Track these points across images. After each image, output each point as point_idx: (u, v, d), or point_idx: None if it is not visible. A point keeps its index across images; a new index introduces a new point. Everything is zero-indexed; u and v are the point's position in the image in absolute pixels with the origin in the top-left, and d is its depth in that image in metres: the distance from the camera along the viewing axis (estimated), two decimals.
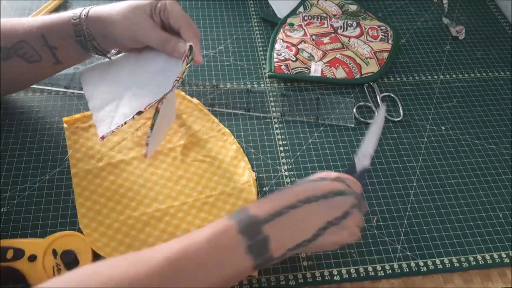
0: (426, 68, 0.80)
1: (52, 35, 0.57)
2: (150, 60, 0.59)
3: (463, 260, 0.57)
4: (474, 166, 0.66)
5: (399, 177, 0.64)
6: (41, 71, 0.61)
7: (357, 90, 0.75)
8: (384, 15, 0.89)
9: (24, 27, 0.57)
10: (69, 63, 0.61)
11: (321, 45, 0.79)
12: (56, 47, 0.57)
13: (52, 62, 0.59)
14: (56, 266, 0.51)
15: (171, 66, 0.57)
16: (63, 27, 0.57)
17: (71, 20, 0.56)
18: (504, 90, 0.77)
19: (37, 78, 0.64)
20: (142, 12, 0.55)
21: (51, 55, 0.58)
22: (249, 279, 0.53)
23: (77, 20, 0.56)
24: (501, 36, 0.87)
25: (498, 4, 0.93)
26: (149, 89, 0.56)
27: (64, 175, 0.60)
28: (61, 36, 0.57)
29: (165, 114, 0.58)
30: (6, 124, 0.65)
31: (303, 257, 0.56)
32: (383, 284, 0.55)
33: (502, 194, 0.63)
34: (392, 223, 0.59)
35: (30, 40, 0.57)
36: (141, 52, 0.60)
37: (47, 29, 0.57)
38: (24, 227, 0.55)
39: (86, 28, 0.56)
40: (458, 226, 0.60)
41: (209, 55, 0.78)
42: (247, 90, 0.73)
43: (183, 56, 0.55)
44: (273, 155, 0.65)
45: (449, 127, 0.71)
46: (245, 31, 0.83)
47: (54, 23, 0.57)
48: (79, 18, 0.56)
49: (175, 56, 0.56)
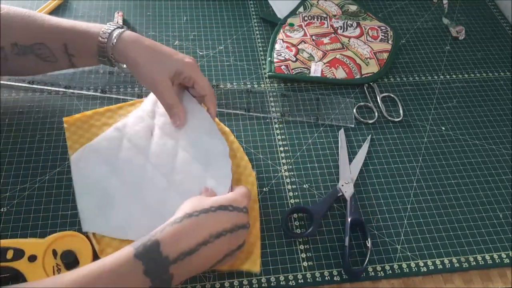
0: (426, 68, 0.80)
1: (75, 45, 0.57)
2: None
3: (463, 260, 0.57)
4: (474, 166, 0.66)
5: (399, 177, 0.64)
6: (54, 68, 0.62)
7: (357, 91, 0.75)
8: (384, 16, 0.89)
9: (47, 30, 0.57)
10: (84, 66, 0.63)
11: (321, 45, 0.79)
12: (75, 56, 0.58)
13: (67, 65, 0.60)
14: (56, 266, 0.51)
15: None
16: (88, 43, 0.57)
17: (98, 37, 0.56)
18: (504, 90, 0.77)
19: (48, 71, 0.66)
20: (166, 71, 0.56)
21: (67, 60, 0.59)
22: (250, 279, 0.53)
23: (105, 43, 0.56)
24: (501, 36, 0.87)
25: (498, 4, 0.93)
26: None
27: (64, 175, 0.60)
28: (83, 49, 0.57)
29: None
30: (6, 124, 0.65)
31: (303, 258, 0.56)
32: (383, 284, 0.55)
33: (502, 194, 0.64)
34: (392, 223, 0.59)
35: (50, 44, 0.57)
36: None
37: (71, 39, 0.57)
38: (24, 227, 0.55)
39: (112, 55, 0.56)
40: (458, 226, 0.60)
41: (209, 55, 0.78)
42: (247, 90, 0.73)
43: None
44: (273, 155, 0.65)
45: (449, 127, 0.71)
46: (245, 31, 0.83)
47: (79, 35, 0.57)
48: (106, 44, 0.56)
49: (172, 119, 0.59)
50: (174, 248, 0.43)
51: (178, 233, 0.44)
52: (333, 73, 0.75)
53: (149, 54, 0.56)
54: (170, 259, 0.43)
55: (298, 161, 0.65)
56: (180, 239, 0.44)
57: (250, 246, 0.55)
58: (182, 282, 0.46)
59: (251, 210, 0.58)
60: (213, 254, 0.46)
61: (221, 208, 0.47)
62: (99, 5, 0.84)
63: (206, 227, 0.45)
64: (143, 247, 0.42)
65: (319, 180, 0.63)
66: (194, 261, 0.44)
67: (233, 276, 0.53)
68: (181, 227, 0.45)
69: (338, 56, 0.77)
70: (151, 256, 0.42)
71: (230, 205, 0.48)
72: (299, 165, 0.64)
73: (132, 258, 0.42)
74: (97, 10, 0.83)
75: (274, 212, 0.59)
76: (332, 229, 0.58)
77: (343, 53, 0.78)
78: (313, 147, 0.67)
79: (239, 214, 0.48)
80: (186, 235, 0.44)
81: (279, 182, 0.62)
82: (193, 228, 0.45)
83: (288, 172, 0.64)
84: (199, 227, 0.45)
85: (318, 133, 0.68)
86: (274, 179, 0.63)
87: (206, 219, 0.46)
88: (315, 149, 0.66)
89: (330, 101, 0.72)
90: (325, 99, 0.73)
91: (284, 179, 0.63)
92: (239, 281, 0.53)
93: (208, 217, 0.46)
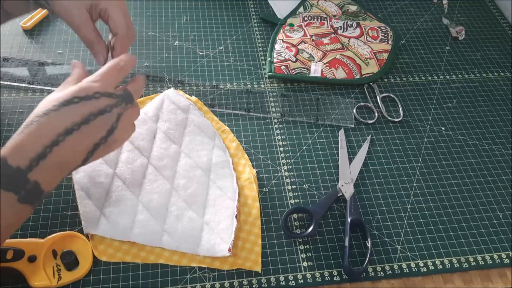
0: (426, 68, 0.80)
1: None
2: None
3: (463, 261, 0.57)
4: (474, 166, 0.66)
5: (399, 177, 0.64)
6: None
7: (357, 91, 0.75)
8: (384, 16, 0.89)
9: None
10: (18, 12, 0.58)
11: (321, 45, 0.79)
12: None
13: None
14: (56, 266, 0.51)
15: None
16: None
17: None
18: (504, 90, 0.77)
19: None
20: (81, 4, 0.52)
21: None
22: (250, 279, 0.53)
23: None
24: (501, 37, 0.87)
25: (498, 4, 0.93)
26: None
27: None
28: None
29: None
30: (6, 124, 0.65)
31: (303, 258, 0.56)
32: (383, 284, 0.55)
33: (502, 194, 0.64)
34: (392, 223, 0.59)
35: None
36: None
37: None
38: (24, 227, 0.55)
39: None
40: (458, 226, 0.60)
41: (209, 55, 0.78)
42: (247, 91, 0.73)
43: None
44: (273, 155, 0.65)
45: (449, 128, 0.71)
46: (245, 32, 0.83)
47: None
48: None
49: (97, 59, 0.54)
50: (22, 156, 0.42)
51: (20, 142, 0.43)
52: (333, 73, 0.75)
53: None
54: (23, 168, 0.42)
55: (298, 161, 0.65)
56: (24, 146, 0.43)
57: (252, 245, 0.55)
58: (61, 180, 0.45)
59: (251, 207, 0.58)
60: (74, 148, 0.45)
61: (64, 103, 0.45)
62: None
63: (50, 128, 0.44)
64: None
65: (319, 180, 0.63)
66: (54, 160, 0.43)
67: (233, 276, 0.53)
68: (22, 136, 0.43)
69: (338, 56, 0.77)
70: (3, 172, 0.41)
71: (75, 96, 0.45)
72: (299, 165, 0.64)
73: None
74: None
75: (274, 212, 0.59)
76: (332, 229, 0.58)
77: (343, 53, 0.78)
78: (313, 147, 0.67)
79: (90, 101, 0.46)
80: (30, 142, 0.43)
81: (279, 182, 0.62)
82: (35, 133, 0.43)
83: (288, 172, 0.64)
84: (42, 130, 0.43)
85: (318, 133, 0.68)
86: (274, 179, 0.63)
87: (48, 120, 0.44)
88: (315, 149, 0.66)
89: (330, 101, 0.72)
90: (325, 99, 0.73)
91: (284, 179, 0.63)
92: (239, 281, 0.53)
93: (50, 118, 0.44)
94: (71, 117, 0.44)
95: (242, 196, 0.59)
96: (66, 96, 0.45)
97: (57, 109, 0.44)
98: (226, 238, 0.55)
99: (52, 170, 0.44)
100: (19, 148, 0.43)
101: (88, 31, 0.53)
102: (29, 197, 0.43)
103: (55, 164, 0.44)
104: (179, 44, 0.79)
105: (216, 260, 0.54)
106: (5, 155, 0.42)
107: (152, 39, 0.79)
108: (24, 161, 0.42)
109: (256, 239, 0.56)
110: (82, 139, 0.45)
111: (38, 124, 0.44)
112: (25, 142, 0.43)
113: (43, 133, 0.43)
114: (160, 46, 0.78)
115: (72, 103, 0.45)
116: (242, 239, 0.56)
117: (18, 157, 0.42)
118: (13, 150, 0.42)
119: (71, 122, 0.44)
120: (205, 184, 0.59)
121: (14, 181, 0.42)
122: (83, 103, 0.45)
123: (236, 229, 0.56)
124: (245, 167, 0.62)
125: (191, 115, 0.66)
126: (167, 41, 0.79)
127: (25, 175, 0.42)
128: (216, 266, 0.54)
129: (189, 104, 0.67)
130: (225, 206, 0.57)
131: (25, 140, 0.43)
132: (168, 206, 0.56)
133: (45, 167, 0.43)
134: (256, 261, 0.54)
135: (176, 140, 0.62)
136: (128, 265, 0.53)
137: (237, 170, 0.62)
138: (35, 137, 0.43)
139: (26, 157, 0.42)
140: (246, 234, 0.56)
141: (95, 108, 0.46)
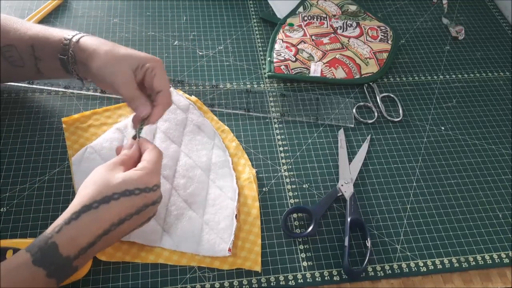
0: (426, 68, 0.80)
1: (41, 47, 0.57)
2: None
3: (463, 260, 0.57)
4: (474, 166, 0.66)
5: (399, 177, 0.64)
6: (23, 75, 0.63)
7: (356, 90, 0.75)
8: (384, 16, 0.89)
9: (17, 32, 0.57)
10: (50, 75, 0.62)
11: (320, 45, 0.79)
12: (40, 59, 0.58)
13: (34, 71, 0.60)
14: None
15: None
16: (53, 44, 0.57)
17: (62, 39, 0.56)
18: (504, 90, 0.77)
19: (19, 79, 0.67)
20: (127, 65, 0.53)
21: (33, 65, 0.58)
22: (249, 279, 0.53)
23: (67, 42, 0.56)
24: (501, 36, 0.87)
25: (498, 4, 0.93)
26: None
27: (64, 175, 0.60)
28: (47, 51, 0.57)
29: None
30: (6, 124, 0.65)
31: (303, 257, 0.56)
32: (382, 284, 0.55)
33: (502, 194, 0.64)
34: (392, 223, 0.59)
35: (19, 46, 0.57)
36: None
37: (38, 40, 0.57)
38: (24, 227, 0.55)
39: (71, 51, 0.55)
40: (458, 226, 0.60)
41: (209, 55, 0.78)
42: (247, 90, 0.73)
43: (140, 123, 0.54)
44: (272, 155, 0.65)
45: (449, 127, 0.71)
46: (245, 31, 0.83)
47: (46, 37, 0.57)
48: (70, 41, 0.56)
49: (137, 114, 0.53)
50: (73, 247, 0.42)
51: (76, 231, 0.43)
52: (332, 73, 0.75)
53: (111, 48, 0.54)
54: (71, 257, 0.42)
55: (298, 161, 0.65)
56: (78, 237, 0.43)
57: (251, 245, 0.55)
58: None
59: (251, 207, 0.58)
60: (118, 236, 0.46)
61: (126, 194, 0.44)
62: (98, 5, 0.84)
63: (107, 219, 0.44)
64: (40, 253, 0.42)
65: (318, 180, 0.63)
66: (100, 247, 0.45)
67: (232, 276, 0.53)
68: (78, 225, 0.43)
69: (337, 56, 0.77)
70: (51, 260, 0.42)
71: (137, 188, 0.45)
72: (299, 165, 0.64)
73: (31, 266, 0.41)
74: (96, 10, 0.83)
75: (274, 212, 0.59)
76: (331, 229, 0.58)
77: (343, 53, 0.78)
78: (313, 147, 0.67)
79: (148, 194, 0.46)
80: (84, 232, 0.43)
81: (279, 182, 0.62)
82: (91, 223, 0.43)
83: (288, 172, 0.64)
84: (99, 221, 0.43)
85: (318, 133, 0.68)
86: (274, 179, 0.63)
87: (107, 210, 0.44)
88: (315, 149, 0.66)
89: (329, 101, 0.72)
90: (325, 99, 0.73)
91: (284, 179, 0.63)
92: (238, 281, 0.53)
93: (110, 207, 0.44)
94: (128, 209, 0.45)
95: (242, 196, 0.59)
96: (130, 185, 0.45)
97: (118, 198, 0.44)
98: (226, 238, 0.55)
99: (93, 253, 0.45)
100: (74, 238, 0.43)
101: (132, 88, 0.53)
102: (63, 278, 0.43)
103: (97, 249, 0.45)
104: (178, 44, 0.79)
105: (215, 260, 0.54)
106: (57, 242, 0.42)
107: (152, 39, 0.79)
108: (74, 250, 0.43)
109: (256, 239, 0.56)
110: (129, 226, 0.46)
111: (96, 212, 0.43)
112: (80, 233, 0.43)
113: (99, 223, 0.43)
114: (160, 46, 0.78)
115: (133, 194, 0.45)
116: (242, 238, 0.56)
117: (70, 247, 0.42)
118: (68, 239, 0.42)
119: (126, 213, 0.45)
120: (205, 184, 0.59)
121: (60, 269, 0.42)
122: (142, 196, 0.45)
123: (236, 229, 0.56)
124: (244, 167, 0.62)
125: (191, 114, 0.66)
126: (166, 41, 0.79)
127: (71, 262, 0.43)
128: (216, 265, 0.54)
129: (189, 104, 0.67)
130: (225, 206, 0.57)
131: (80, 228, 0.43)
132: (168, 206, 0.56)
133: (90, 253, 0.44)
134: (256, 260, 0.54)
135: (175, 139, 0.62)
136: (128, 265, 0.53)
137: (237, 170, 0.62)
138: (91, 226, 0.43)
139: (78, 247, 0.43)
140: (246, 234, 0.56)
141: (150, 200, 0.46)
